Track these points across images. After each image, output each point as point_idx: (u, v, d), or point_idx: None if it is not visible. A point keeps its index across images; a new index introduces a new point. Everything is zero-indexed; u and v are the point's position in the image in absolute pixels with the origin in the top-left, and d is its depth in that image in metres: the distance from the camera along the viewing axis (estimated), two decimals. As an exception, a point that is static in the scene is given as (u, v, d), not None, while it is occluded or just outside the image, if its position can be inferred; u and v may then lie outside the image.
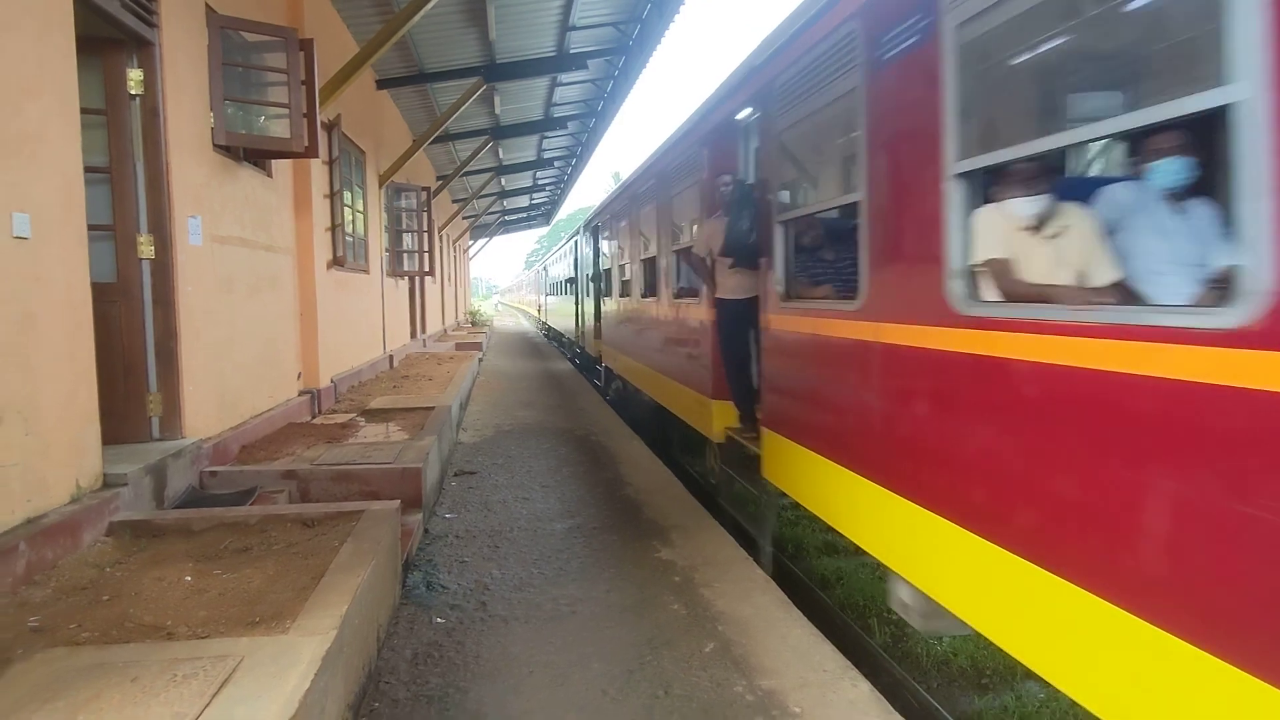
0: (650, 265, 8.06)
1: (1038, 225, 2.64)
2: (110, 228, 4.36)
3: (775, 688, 2.93)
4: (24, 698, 2.05)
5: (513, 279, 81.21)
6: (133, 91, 4.34)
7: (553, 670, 3.09)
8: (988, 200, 2.69)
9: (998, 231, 2.63)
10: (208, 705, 2.00)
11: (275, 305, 6.34)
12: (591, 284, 13.64)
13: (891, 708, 2.80)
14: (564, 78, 12.60)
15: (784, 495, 4.37)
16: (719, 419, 5.51)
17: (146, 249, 4.43)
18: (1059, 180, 2.91)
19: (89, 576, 3.05)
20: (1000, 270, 2.59)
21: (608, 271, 11.40)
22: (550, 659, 3.19)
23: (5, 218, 3.02)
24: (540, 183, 24.27)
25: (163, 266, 4.51)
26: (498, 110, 13.69)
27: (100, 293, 3.89)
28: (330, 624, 2.51)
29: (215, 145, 5.14)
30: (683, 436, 9.12)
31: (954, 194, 2.62)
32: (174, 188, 4.52)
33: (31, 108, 3.19)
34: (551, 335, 24.48)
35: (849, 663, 3.15)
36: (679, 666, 3.10)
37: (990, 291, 2.61)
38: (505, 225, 33.95)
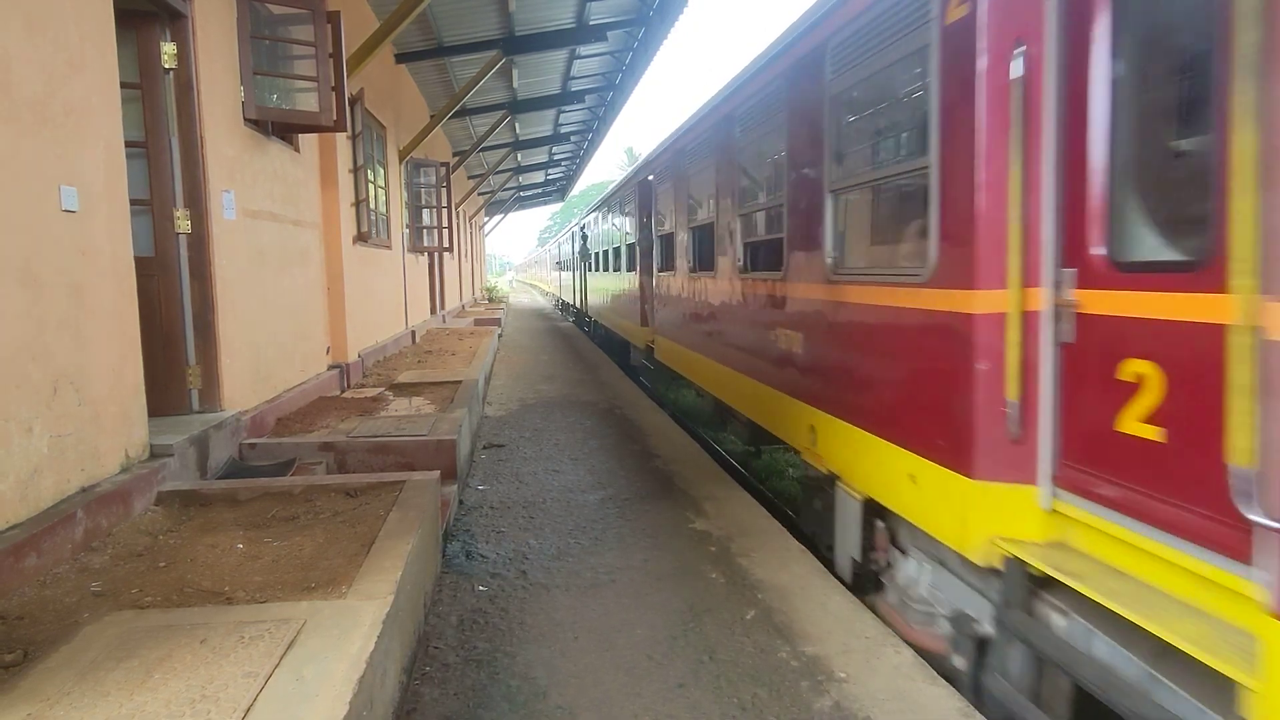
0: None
1: None
2: (147, 202, 4.39)
3: (819, 653, 2.96)
4: (99, 657, 2.11)
5: (527, 255, 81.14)
6: (166, 65, 4.34)
7: (597, 635, 3.14)
8: None
9: None
10: (277, 665, 2.05)
11: (304, 279, 6.38)
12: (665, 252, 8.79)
13: (935, 673, 2.83)
14: (583, 50, 12.49)
15: None
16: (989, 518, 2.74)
17: (183, 223, 4.46)
18: None
19: (143, 544, 3.12)
20: None
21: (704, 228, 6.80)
22: (594, 625, 3.23)
23: (54, 191, 3.05)
24: (556, 158, 24.19)
25: (198, 240, 4.54)
26: (515, 84, 13.61)
27: (139, 266, 3.92)
28: (386, 589, 2.56)
29: (246, 119, 5.14)
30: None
31: None
32: (208, 162, 4.54)
33: (76, 81, 3.21)
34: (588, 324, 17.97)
35: (890, 629, 3.18)
36: (722, 632, 3.14)
37: None
38: (520, 201, 33.88)
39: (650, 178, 9.46)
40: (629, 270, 11.26)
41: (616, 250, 12.70)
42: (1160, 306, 2.24)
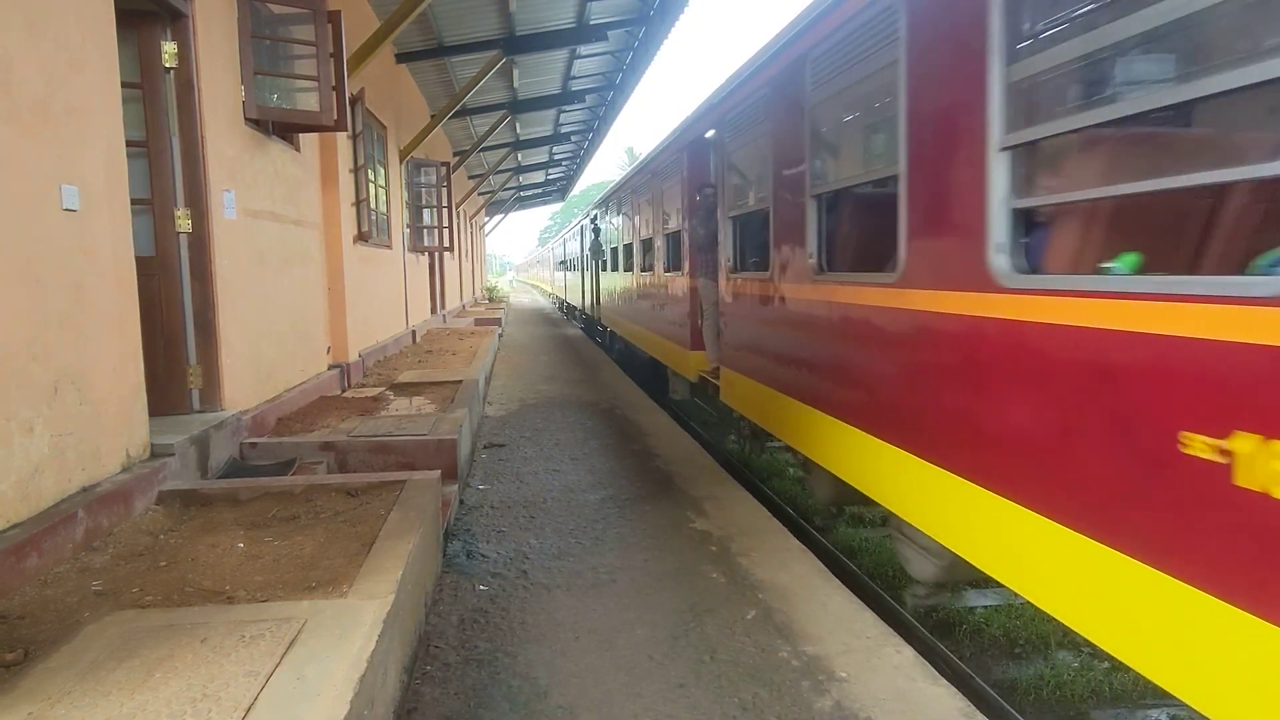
0: None
1: None
2: (148, 202, 4.39)
3: (819, 653, 2.96)
4: (100, 657, 2.11)
5: (527, 255, 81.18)
6: (167, 65, 4.34)
7: (598, 635, 3.14)
8: None
9: None
10: (278, 664, 2.05)
11: (305, 279, 6.39)
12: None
13: (937, 673, 2.83)
14: (583, 50, 12.48)
15: None
16: None
17: (184, 223, 4.46)
18: None
19: (144, 543, 3.12)
20: None
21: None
22: (594, 625, 3.23)
23: (54, 190, 3.05)
24: (556, 158, 24.19)
25: (199, 240, 4.54)
26: (516, 84, 13.62)
27: (140, 266, 3.91)
28: (386, 588, 2.56)
29: (246, 119, 5.14)
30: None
31: None
32: (209, 161, 4.54)
33: (77, 80, 3.21)
34: None
35: (891, 629, 3.18)
36: (722, 632, 3.14)
37: None
38: (521, 201, 33.89)
39: (711, 134, 6.59)
40: (669, 270, 8.26)
41: (645, 243, 9.75)
42: None
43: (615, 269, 12.60)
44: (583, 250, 17.45)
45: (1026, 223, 2.65)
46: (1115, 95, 2.36)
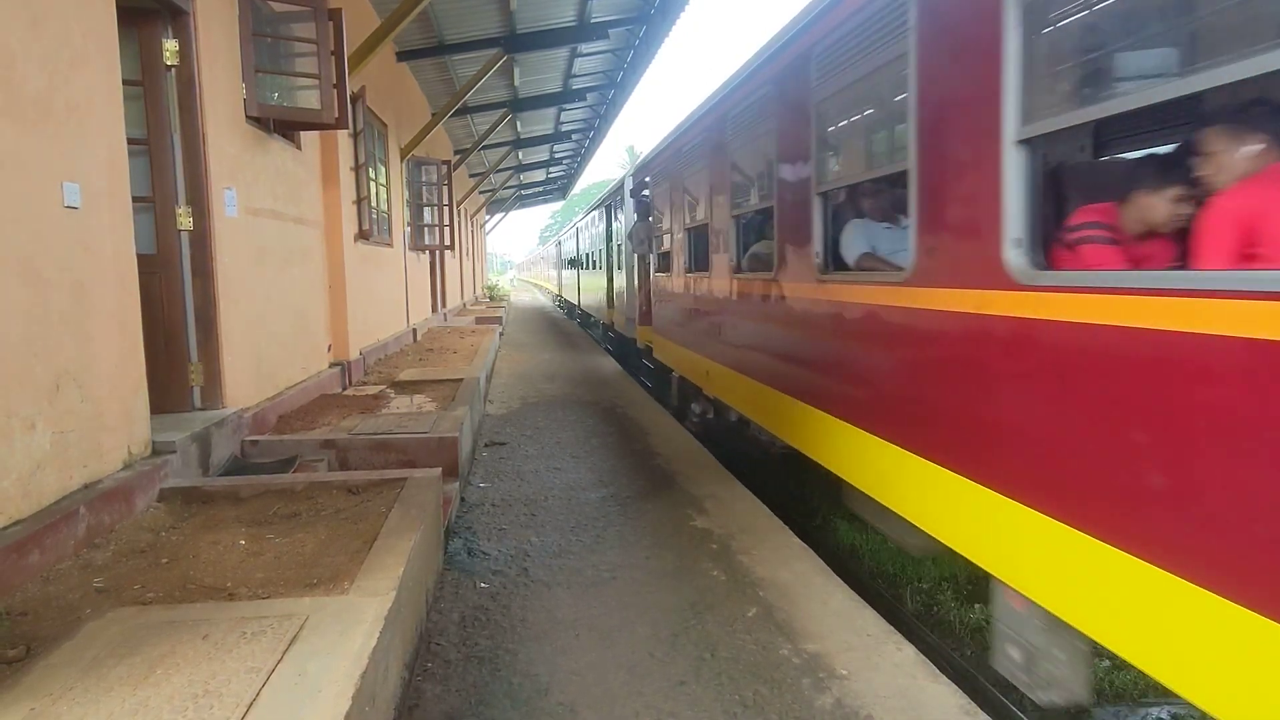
0: None
1: None
2: (149, 199, 4.38)
3: (820, 651, 2.96)
4: (102, 654, 2.12)
5: (528, 253, 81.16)
6: (168, 62, 4.34)
7: (598, 633, 3.14)
8: None
9: None
10: (280, 661, 2.06)
11: (306, 277, 6.39)
12: None
13: (938, 670, 2.83)
14: (584, 48, 12.47)
15: None
16: None
17: (185, 220, 4.46)
18: None
19: (146, 540, 3.12)
20: None
21: None
22: (595, 622, 3.24)
23: (56, 188, 3.05)
24: (557, 156, 24.19)
25: (200, 238, 4.54)
26: (516, 82, 13.61)
27: (142, 264, 3.91)
28: (388, 585, 2.56)
29: (247, 117, 5.14)
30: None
31: None
32: (210, 159, 4.54)
33: (78, 78, 3.21)
34: None
35: (891, 627, 3.18)
36: (723, 630, 3.14)
37: None
38: (521, 199, 33.88)
39: None
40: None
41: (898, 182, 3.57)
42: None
43: (695, 266, 6.83)
44: (610, 241, 13.21)
45: None
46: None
